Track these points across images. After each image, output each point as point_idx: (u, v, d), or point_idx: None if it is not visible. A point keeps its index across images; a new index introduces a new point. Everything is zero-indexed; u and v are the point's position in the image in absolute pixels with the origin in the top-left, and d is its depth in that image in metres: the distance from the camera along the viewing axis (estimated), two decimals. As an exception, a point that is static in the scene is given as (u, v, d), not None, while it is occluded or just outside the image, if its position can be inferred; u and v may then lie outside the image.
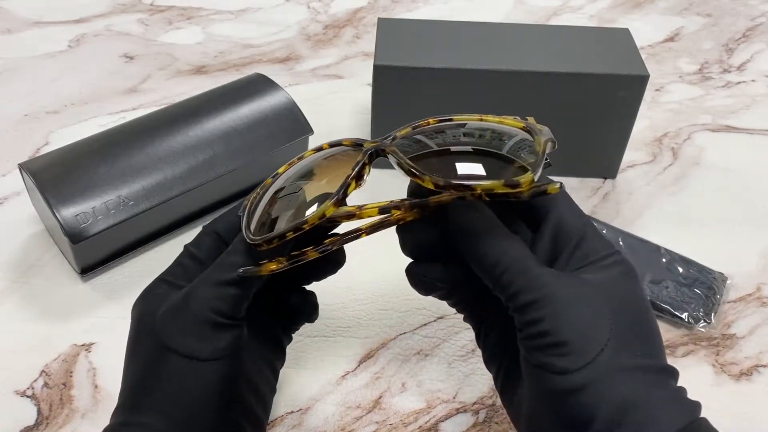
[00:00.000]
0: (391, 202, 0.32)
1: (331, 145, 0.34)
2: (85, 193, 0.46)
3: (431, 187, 0.29)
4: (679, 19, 0.84)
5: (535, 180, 0.30)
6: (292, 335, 0.37)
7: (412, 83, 0.53)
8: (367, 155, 0.31)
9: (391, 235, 0.33)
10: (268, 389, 0.34)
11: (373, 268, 0.49)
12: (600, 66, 0.53)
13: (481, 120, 0.34)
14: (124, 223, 0.46)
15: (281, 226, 0.31)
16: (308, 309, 0.36)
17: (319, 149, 0.34)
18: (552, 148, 0.32)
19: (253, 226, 0.31)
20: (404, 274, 0.34)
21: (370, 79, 0.54)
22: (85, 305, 0.47)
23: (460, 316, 0.35)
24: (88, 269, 0.48)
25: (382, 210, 0.31)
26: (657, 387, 0.27)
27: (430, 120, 0.34)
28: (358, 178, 0.31)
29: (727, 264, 0.50)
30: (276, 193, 0.33)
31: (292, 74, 0.71)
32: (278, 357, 0.36)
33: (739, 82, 0.73)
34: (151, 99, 0.67)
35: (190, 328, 0.30)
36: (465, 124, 0.34)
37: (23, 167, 0.47)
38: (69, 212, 0.45)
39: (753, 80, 0.73)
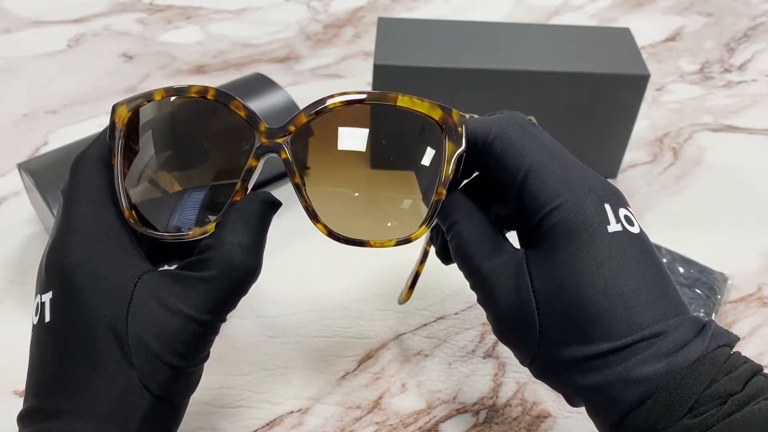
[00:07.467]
0: None
1: (218, 97, 0.29)
2: (84, 193, 0.46)
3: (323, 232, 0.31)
4: (680, 19, 0.84)
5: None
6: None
7: (412, 83, 0.53)
8: (259, 157, 0.30)
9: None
10: None
11: (373, 269, 0.49)
12: (600, 65, 0.53)
13: (395, 106, 0.31)
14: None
15: (160, 218, 0.31)
16: None
17: (204, 94, 0.29)
18: (458, 164, 0.31)
19: (134, 197, 0.30)
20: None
21: (370, 78, 0.54)
22: (84, 305, 0.46)
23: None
24: (87, 269, 0.48)
25: None
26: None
27: (337, 99, 0.30)
28: (244, 189, 0.30)
29: (728, 264, 0.50)
30: (157, 157, 0.31)
31: (292, 74, 0.71)
32: None
33: (740, 82, 0.73)
34: (151, 98, 0.66)
35: None
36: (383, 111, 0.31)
37: (22, 167, 0.47)
38: (68, 212, 0.45)
39: (754, 80, 0.73)
